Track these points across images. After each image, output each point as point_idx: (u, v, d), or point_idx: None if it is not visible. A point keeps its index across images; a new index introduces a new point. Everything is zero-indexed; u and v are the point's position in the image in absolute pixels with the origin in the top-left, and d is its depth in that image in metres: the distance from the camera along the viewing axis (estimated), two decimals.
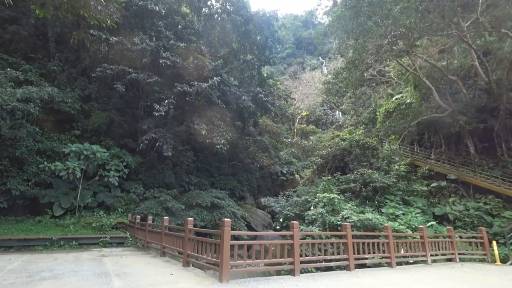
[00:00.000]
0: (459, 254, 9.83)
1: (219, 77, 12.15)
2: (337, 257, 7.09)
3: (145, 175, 15.33)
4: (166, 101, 11.70)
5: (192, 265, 6.77)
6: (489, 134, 16.42)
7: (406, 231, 10.55)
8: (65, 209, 11.01)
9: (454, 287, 5.97)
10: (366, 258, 7.67)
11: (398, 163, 18.93)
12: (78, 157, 11.14)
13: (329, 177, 16.32)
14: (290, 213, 14.50)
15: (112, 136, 14.99)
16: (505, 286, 6.49)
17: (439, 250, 9.61)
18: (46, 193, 11.20)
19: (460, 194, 15.48)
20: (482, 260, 10.55)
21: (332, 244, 7.11)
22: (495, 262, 10.21)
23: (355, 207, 12.46)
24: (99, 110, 14.25)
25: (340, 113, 41.07)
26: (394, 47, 11.98)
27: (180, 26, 13.54)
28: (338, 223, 10.47)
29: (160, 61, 12.04)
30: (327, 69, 51.48)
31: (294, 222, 6.48)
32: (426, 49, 18.03)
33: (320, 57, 66.08)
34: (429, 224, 11.30)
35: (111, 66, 11.97)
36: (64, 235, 9.42)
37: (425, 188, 15.90)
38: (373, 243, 7.93)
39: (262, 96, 16.78)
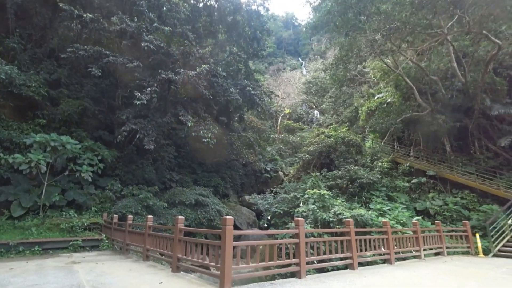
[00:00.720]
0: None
1: (207, 66, 11.18)
2: (341, 255, 6.56)
3: (122, 171, 13.90)
4: (149, 89, 10.48)
5: (183, 270, 5.85)
6: (464, 133, 17.07)
7: (396, 226, 10.40)
8: (26, 209, 9.40)
9: (462, 283, 5.68)
10: (368, 256, 7.22)
11: (381, 160, 19.15)
12: (44, 149, 9.59)
13: (318, 174, 15.95)
14: (279, 210, 13.93)
15: (85, 127, 13.37)
16: (504, 279, 6.39)
17: (429, 244, 9.57)
18: (2, 190, 9.51)
19: (438, 189, 15.91)
20: (465, 253, 10.74)
21: (336, 242, 6.56)
22: (479, 254, 10.40)
23: (344, 203, 12.15)
24: (70, 98, 12.58)
25: (317, 112, 41.68)
26: (387, 42, 11.81)
27: (164, 8, 12.29)
28: (331, 219, 10.04)
29: (143, 45, 10.76)
30: (306, 69, 52.24)
31: (300, 219, 5.83)
32: (407, 51, 18.33)
33: (299, 58, 66.88)
34: (415, 219, 11.28)
35: (85, 47, 10.46)
36: (24, 239, 7.92)
37: (407, 184, 16.15)
38: (374, 240, 7.55)
39: (250, 89, 15.98)
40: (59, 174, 10.76)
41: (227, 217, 4.70)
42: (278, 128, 36.06)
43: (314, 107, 43.03)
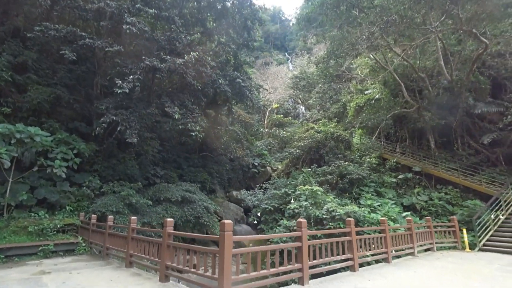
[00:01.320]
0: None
1: (196, 54, 10.30)
2: (343, 257, 6.16)
3: (102, 166, 12.77)
4: (131, 76, 9.47)
5: (173, 279, 5.18)
6: (448, 130, 17.39)
7: (389, 223, 10.24)
8: None
9: (467, 284, 5.48)
10: (367, 256, 6.89)
11: (369, 156, 19.20)
12: (8, 141, 8.40)
13: (309, 169, 15.61)
14: (269, 207, 13.47)
15: (59, 118, 12.06)
16: (500, 276, 6.32)
17: (422, 240, 9.52)
18: None
19: (423, 185, 16.14)
20: (452, 248, 10.79)
21: (337, 243, 6.14)
22: (465, 249, 10.50)
23: (336, 199, 11.88)
24: (40, 85, 11.21)
25: (303, 108, 41.69)
26: (383, 36, 11.51)
27: None
28: (324, 216, 9.68)
29: (124, 27, 9.65)
30: (292, 65, 51.99)
31: (302, 220, 5.32)
32: (397, 47, 18.28)
33: (286, 53, 66.56)
34: (404, 214, 11.23)
35: (56, 26, 9.18)
36: None
37: (394, 180, 16.24)
38: (372, 239, 7.24)
39: (240, 81, 15.21)
40: (27, 170, 9.56)
41: (226, 221, 4.09)
42: (265, 122, 35.66)
43: (300, 102, 42.96)
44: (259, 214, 14.02)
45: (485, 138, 13.99)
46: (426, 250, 9.96)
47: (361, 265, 6.77)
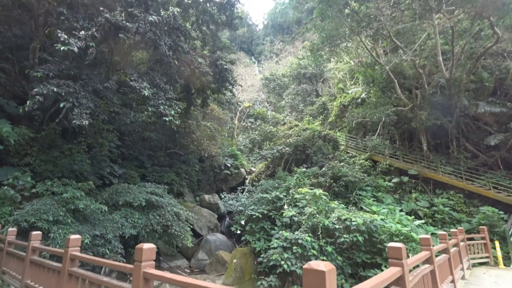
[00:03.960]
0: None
1: (177, 10, 8.20)
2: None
3: (38, 159, 10.01)
4: (83, 32, 7.12)
5: None
6: (441, 132, 17.28)
7: (406, 232, 9.02)
8: None
9: None
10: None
11: (358, 158, 18.47)
12: None
13: (303, 169, 14.21)
14: (256, 213, 11.69)
15: None
16: None
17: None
18: None
19: (420, 189, 15.69)
20: (483, 264, 9.54)
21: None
22: (498, 265, 9.39)
23: (342, 205, 10.54)
24: None
25: (271, 111, 42.10)
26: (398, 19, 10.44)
27: None
28: (336, 227, 8.16)
29: None
30: (259, 68, 52.78)
31: (398, 245, 3.25)
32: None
33: (252, 57, 66.97)
34: (417, 223, 10.24)
35: None
36: None
37: (391, 184, 15.55)
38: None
39: (223, 62, 13.30)
40: None
41: (146, 246, 2.45)
42: (236, 122, 34.80)
43: (268, 105, 43.30)
44: (243, 222, 12.19)
45: (491, 139, 13.81)
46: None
47: None
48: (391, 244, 3.30)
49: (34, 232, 4.83)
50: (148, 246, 2.89)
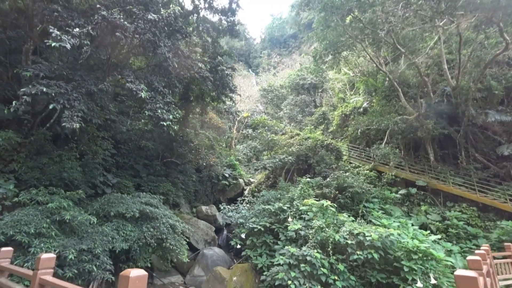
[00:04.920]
0: None
1: (179, 8, 7.90)
2: None
3: (24, 166, 9.43)
4: (77, 29, 6.74)
5: None
6: (449, 141, 16.89)
7: (425, 249, 8.35)
8: None
9: None
10: None
11: (362, 168, 17.98)
12: None
13: (308, 179, 13.65)
14: (258, 226, 11.03)
15: None
16: None
17: None
18: None
19: (429, 202, 15.11)
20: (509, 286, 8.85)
21: None
22: None
23: (351, 217, 9.92)
24: None
25: (270, 120, 42.73)
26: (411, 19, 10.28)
27: None
28: (348, 242, 7.54)
29: None
30: (257, 80, 54.11)
31: (471, 275, 2.55)
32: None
33: (250, 70, 68.09)
34: (433, 238, 9.60)
35: None
36: None
37: (399, 196, 14.98)
38: None
39: (224, 68, 12.99)
40: None
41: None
42: (235, 131, 34.67)
43: (266, 116, 43.85)
44: (243, 235, 11.50)
45: (504, 149, 13.39)
46: None
47: None
48: (460, 272, 2.59)
49: (3, 249, 4.11)
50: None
